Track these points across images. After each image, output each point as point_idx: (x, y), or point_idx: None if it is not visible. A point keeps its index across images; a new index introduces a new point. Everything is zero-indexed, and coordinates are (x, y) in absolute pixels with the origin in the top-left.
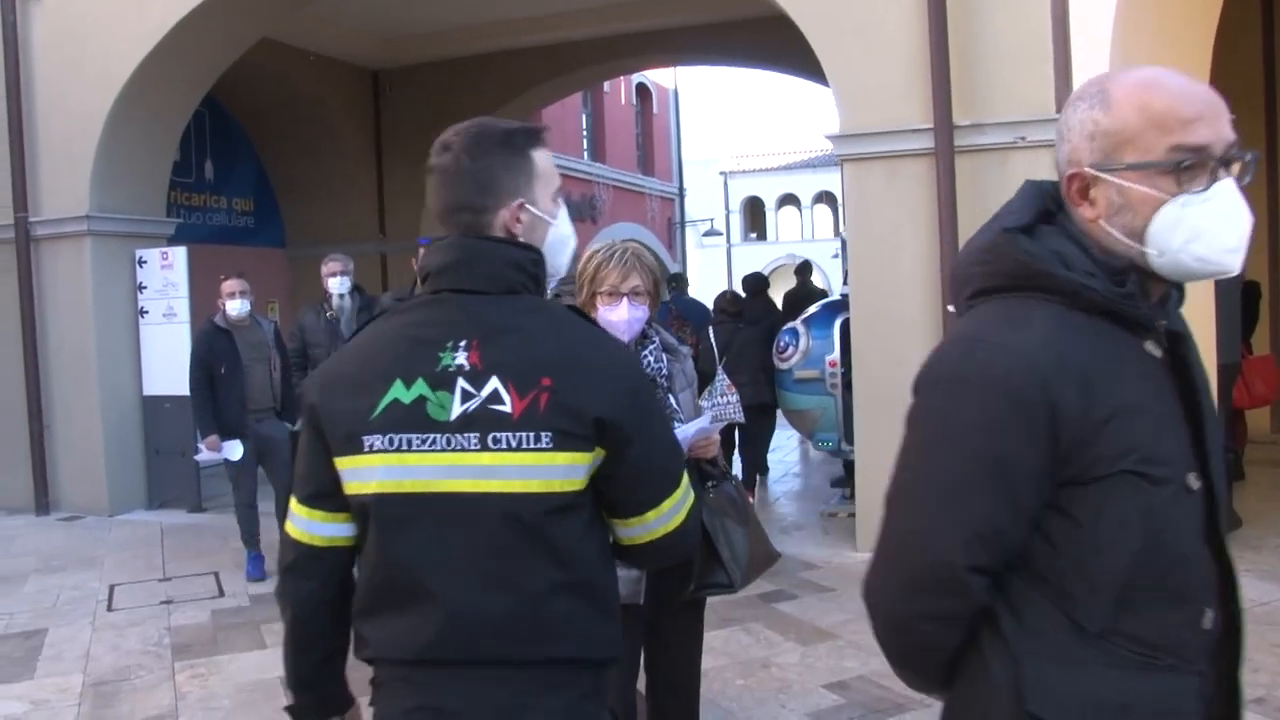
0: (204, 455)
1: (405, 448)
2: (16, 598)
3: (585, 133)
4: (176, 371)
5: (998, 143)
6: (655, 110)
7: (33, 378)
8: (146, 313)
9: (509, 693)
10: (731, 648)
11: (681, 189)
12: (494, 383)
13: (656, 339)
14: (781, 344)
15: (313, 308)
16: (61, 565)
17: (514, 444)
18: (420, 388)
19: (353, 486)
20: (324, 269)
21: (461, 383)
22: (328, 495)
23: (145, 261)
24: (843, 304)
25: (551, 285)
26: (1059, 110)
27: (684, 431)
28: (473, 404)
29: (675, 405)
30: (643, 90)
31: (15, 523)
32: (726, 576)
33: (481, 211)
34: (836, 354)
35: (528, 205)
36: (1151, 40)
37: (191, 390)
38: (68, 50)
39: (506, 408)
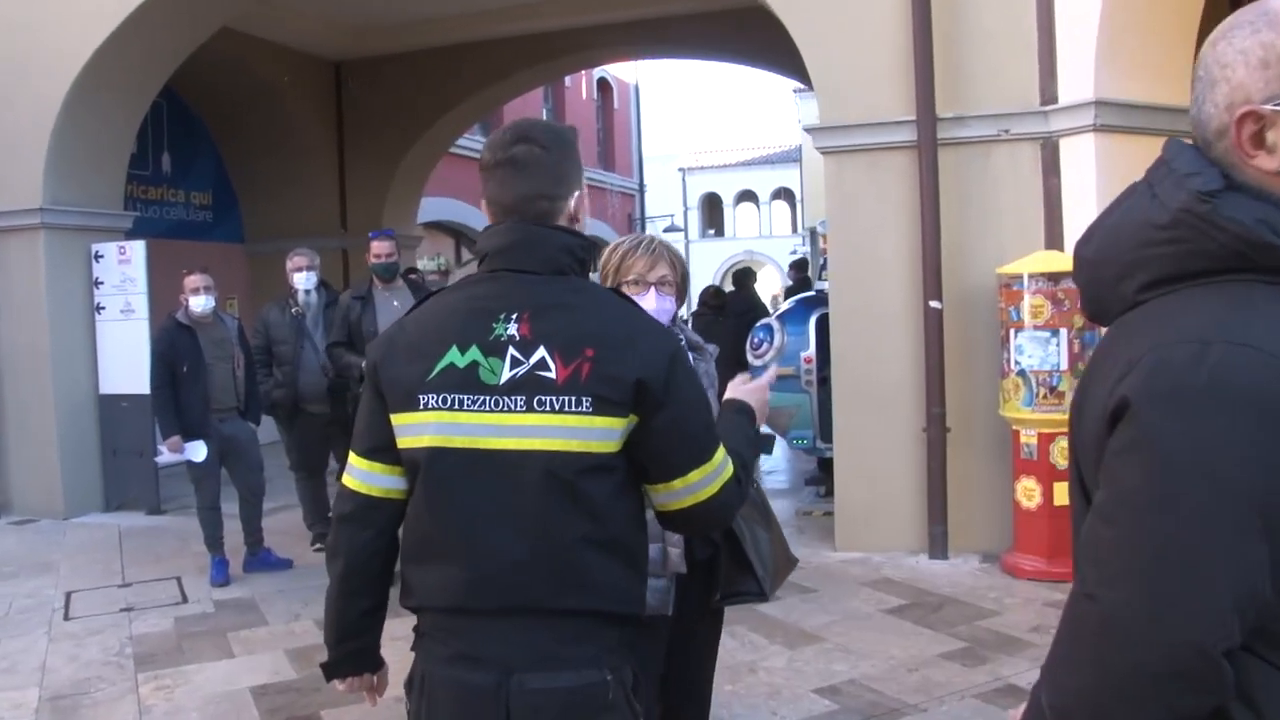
0: (165, 457)
1: (457, 407)
2: None
3: None
4: (134, 369)
5: (980, 135)
6: (616, 105)
7: None
8: (103, 309)
9: (542, 641)
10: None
11: (642, 185)
12: (541, 351)
13: (683, 336)
14: (756, 340)
15: (277, 303)
16: (14, 571)
17: (557, 406)
18: (474, 354)
19: (406, 441)
20: (289, 263)
21: (512, 350)
22: (386, 449)
23: (102, 256)
24: (818, 299)
25: None
26: (1043, 103)
27: None
28: (521, 370)
29: None
30: (604, 85)
31: None
32: (757, 584)
33: (555, 199)
34: (812, 350)
35: (584, 199)
36: (1138, 33)
37: (152, 389)
38: (20, 37)
39: (551, 374)
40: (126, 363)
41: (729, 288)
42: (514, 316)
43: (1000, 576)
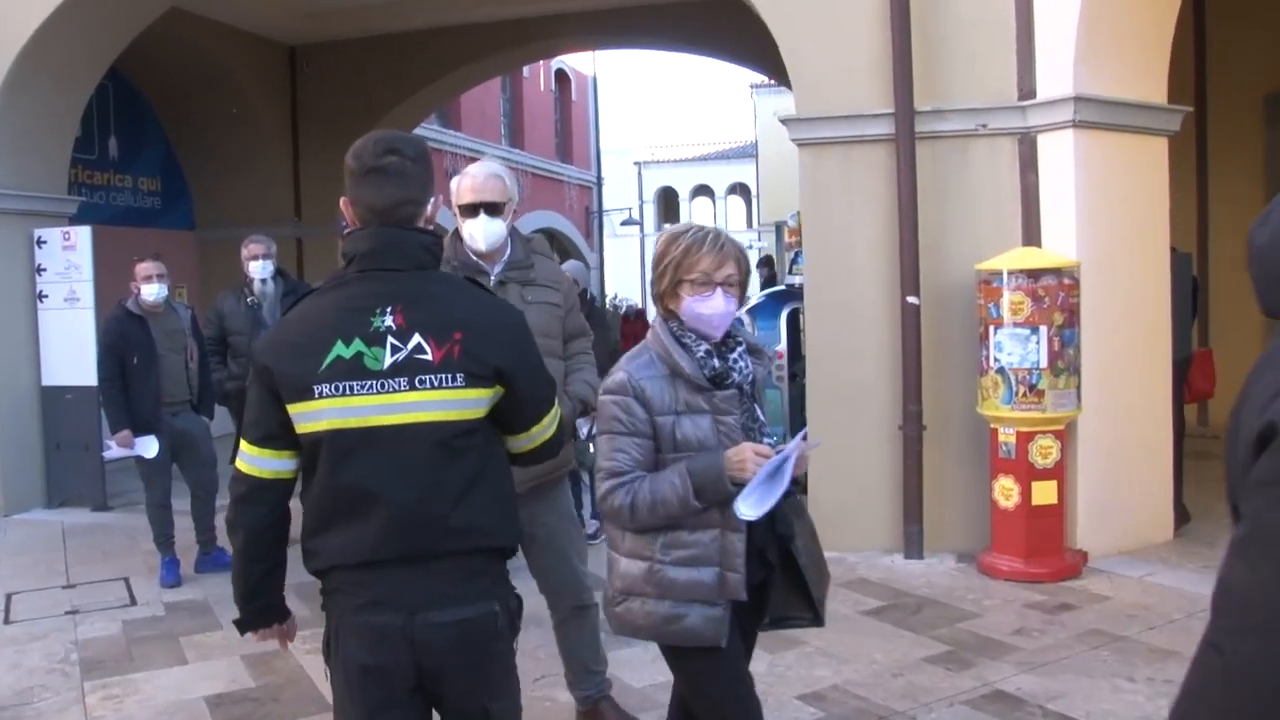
0: (114, 452)
1: (349, 393)
2: None
3: (504, 118)
4: (80, 360)
5: (958, 130)
6: (574, 97)
7: None
8: (46, 297)
9: (441, 582)
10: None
11: (599, 177)
12: (417, 338)
13: (743, 340)
14: None
15: (233, 292)
16: None
17: (436, 383)
18: (358, 345)
19: (305, 426)
20: (245, 251)
21: (391, 339)
22: (276, 437)
23: (45, 242)
24: (788, 293)
25: (497, 270)
26: (1021, 98)
27: (788, 449)
28: (401, 355)
29: (760, 415)
30: (562, 77)
31: None
32: (812, 610)
33: (420, 204)
34: (783, 345)
35: (438, 204)
36: (1117, 29)
37: (101, 382)
38: None
39: (428, 356)
40: (71, 353)
41: None
42: (389, 309)
43: (977, 577)
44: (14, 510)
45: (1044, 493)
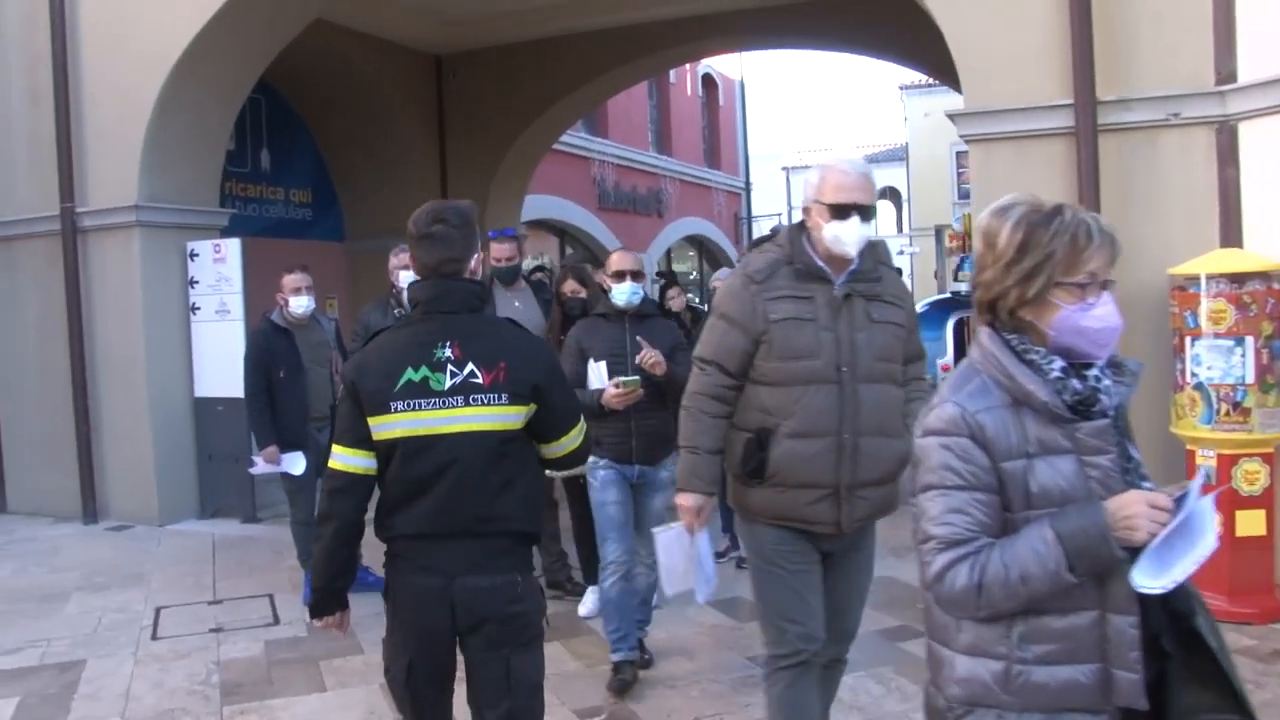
0: (261, 469)
1: (418, 408)
2: (56, 620)
3: (651, 125)
4: (230, 372)
5: (1146, 120)
6: (721, 102)
7: (79, 377)
8: (198, 309)
9: (475, 555)
10: (861, 699)
11: (748, 183)
12: (470, 365)
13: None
14: None
15: (379, 305)
16: (106, 583)
17: (485, 401)
18: (424, 371)
19: (382, 434)
20: (393, 260)
21: (450, 367)
22: (363, 440)
23: (197, 254)
24: (954, 302)
25: (841, 281)
26: (1218, 83)
27: (1189, 498)
28: (458, 379)
29: (1135, 453)
30: (708, 81)
31: (62, 531)
32: (1239, 710)
33: (461, 262)
34: (950, 358)
35: (480, 258)
36: None
37: (247, 396)
38: (115, 30)
39: (480, 379)
40: (222, 365)
41: None
42: (448, 343)
43: None
44: (168, 520)
45: (1250, 523)
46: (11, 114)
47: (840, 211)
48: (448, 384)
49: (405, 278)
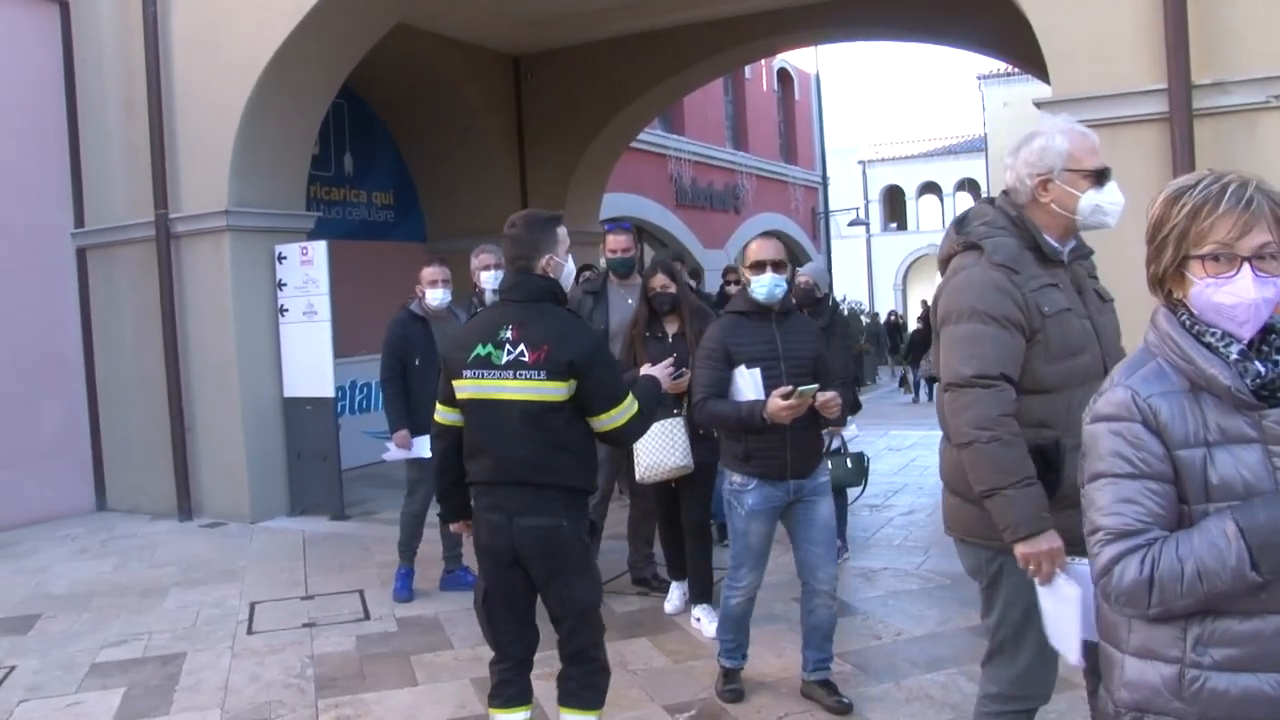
0: (393, 454)
1: (482, 376)
2: (157, 614)
3: (727, 121)
4: (318, 372)
5: (1244, 104)
6: (797, 97)
7: (174, 378)
8: (286, 311)
9: (530, 500)
10: (953, 697)
11: (825, 177)
12: (522, 346)
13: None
14: None
15: (464, 304)
16: (202, 578)
17: (528, 376)
18: (489, 347)
19: (460, 395)
20: (475, 261)
21: (507, 345)
22: (450, 399)
23: (285, 257)
24: None
25: (1065, 250)
26: None
27: None
28: (512, 356)
29: None
30: (784, 76)
31: (159, 528)
32: None
33: (531, 259)
34: None
35: (554, 258)
36: None
37: (383, 381)
38: (205, 40)
39: (528, 358)
40: (310, 366)
41: (913, 284)
42: (509, 326)
43: None
44: (260, 517)
45: None
46: (109, 125)
47: (1100, 177)
48: (504, 360)
49: (487, 279)
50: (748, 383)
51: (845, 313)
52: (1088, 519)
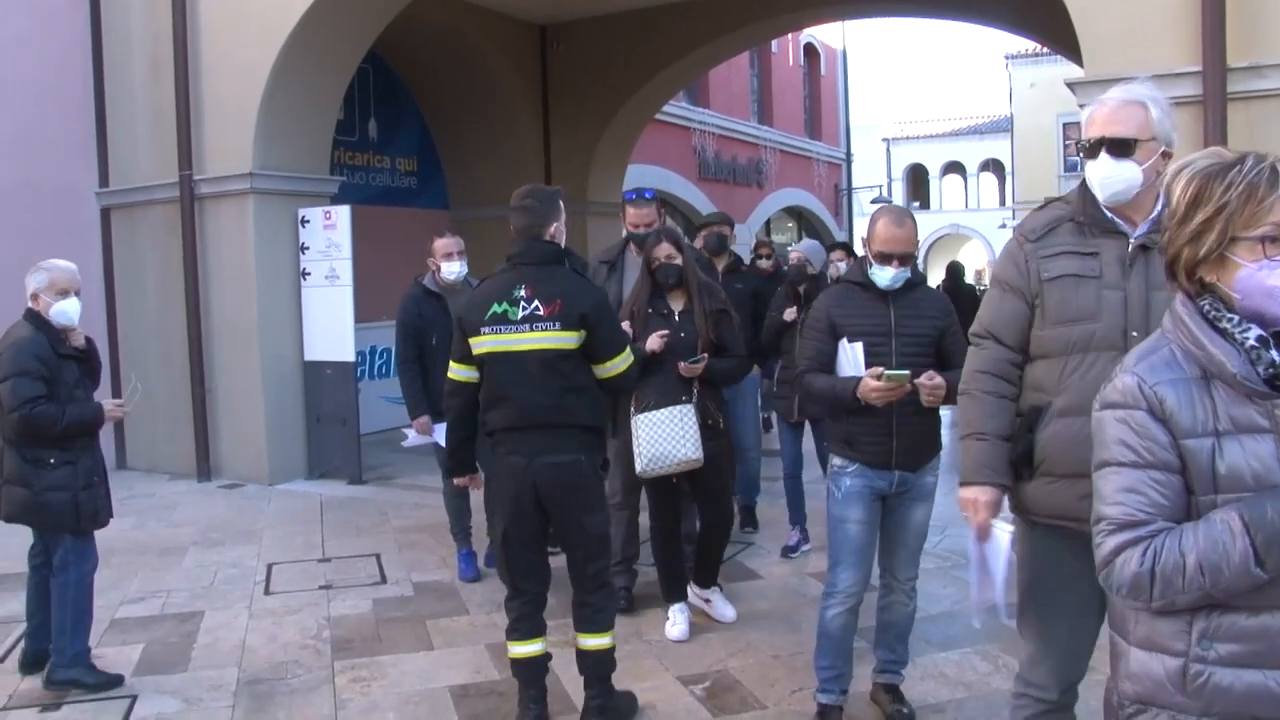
0: (413, 440)
1: (499, 332)
2: (176, 573)
3: (752, 94)
4: (338, 336)
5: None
6: (823, 72)
7: (195, 340)
8: (309, 275)
9: (549, 441)
10: (968, 676)
11: (849, 154)
12: (537, 302)
13: None
14: None
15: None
16: (220, 539)
17: (545, 327)
18: (504, 305)
19: (477, 351)
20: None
21: (522, 303)
22: (466, 356)
23: (308, 221)
24: None
25: (1139, 232)
26: None
27: None
28: (527, 311)
29: None
30: (810, 51)
31: (177, 488)
32: None
33: (541, 228)
34: None
35: (560, 227)
36: None
37: (399, 364)
38: (232, 3)
39: (542, 312)
40: (330, 330)
41: (935, 264)
42: (522, 286)
43: None
44: (278, 480)
45: None
46: (135, 87)
47: (1090, 149)
48: (519, 315)
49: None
50: (848, 358)
51: None
52: (1094, 507)
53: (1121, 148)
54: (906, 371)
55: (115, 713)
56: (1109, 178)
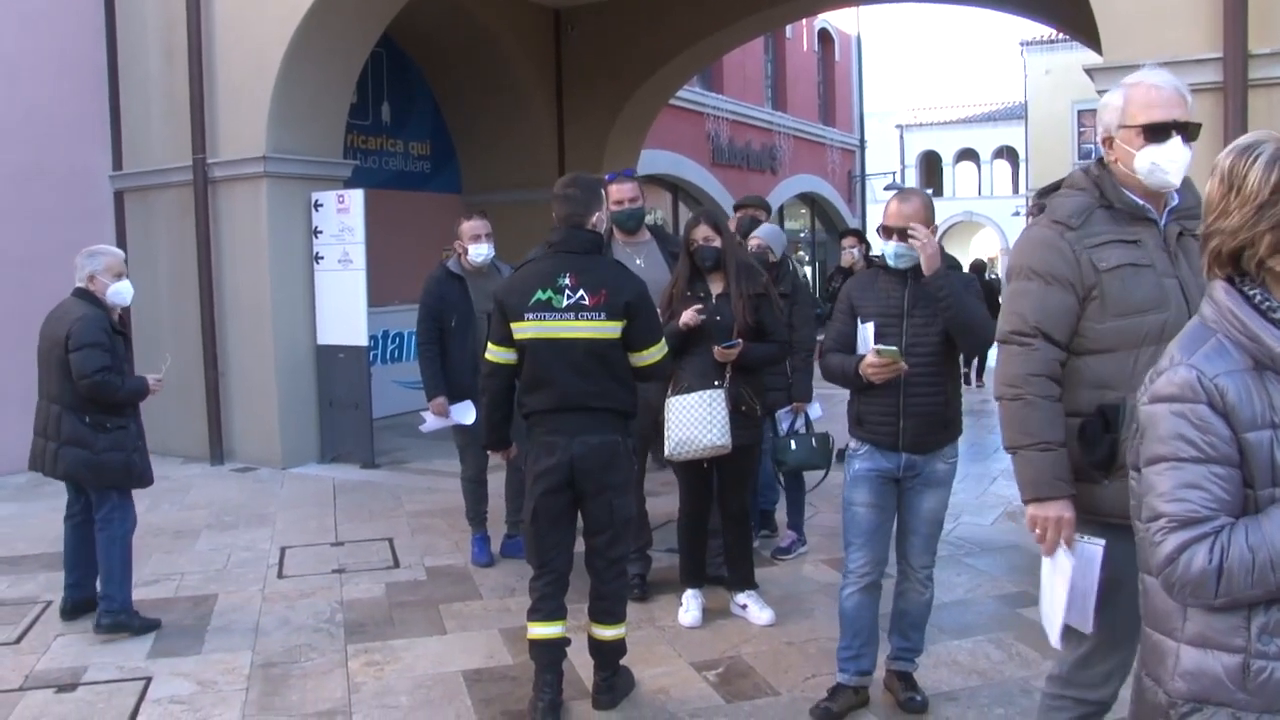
0: (431, 424)
1: (543, 319)
2: (189, 556)
3: (766, 80)
4: (351, 320)
5: None
6: (837, 58)
7: (208, 323)
8: (321, 258)
9: (588, 423)
10: (981, 664)
11: (863, 140)
12: (582, 291)
13: None
14: None
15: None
16: (233, 522)
17: (590, 317)
18: (549, 293)
19: (519, 336)
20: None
21: (567, 291)
22: (506, 340)
23: (321, 205)
24: None
25: (1164, 218)
26: None
27: None
28: (572, 300)
29: None
30: (825, 37)
31: (191, 471)
32: None
33: (583, 217)
34: None
35: (602, 216)
36: None
37: (419, 345)
38: None
39: (588, 302)
40: (343, 314)
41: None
42: (567, 274)
43: None
44: (291, 464)
45: None
46: (149, 70)
47: (1156, 132)
48: (564, 303)
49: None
50: (862, 338)
51: (804, 277)
52: (1146, 504)
53: (1189, 132)
54: (895, 348)
55: (130, 694)
56: (1177, 162)
